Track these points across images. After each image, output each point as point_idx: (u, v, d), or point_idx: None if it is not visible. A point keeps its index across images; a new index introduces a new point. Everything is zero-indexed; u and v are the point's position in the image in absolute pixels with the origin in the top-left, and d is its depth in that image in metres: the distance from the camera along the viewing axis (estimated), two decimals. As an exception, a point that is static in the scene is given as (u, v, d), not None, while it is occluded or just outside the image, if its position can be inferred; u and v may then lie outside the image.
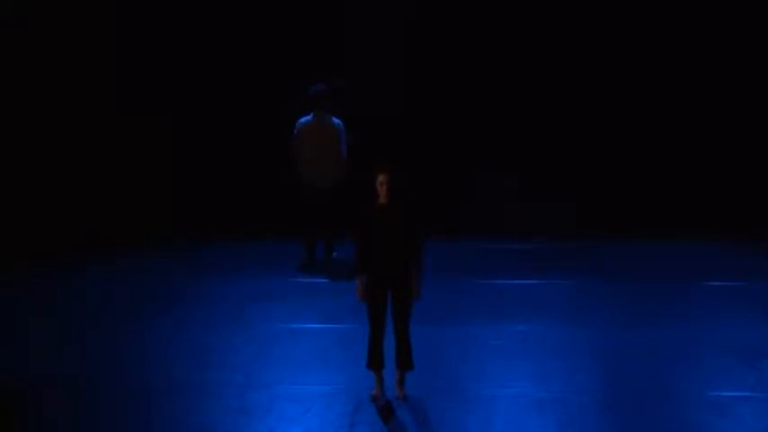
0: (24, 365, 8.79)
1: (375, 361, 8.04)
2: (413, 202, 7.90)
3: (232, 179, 12.95)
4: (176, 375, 8.48)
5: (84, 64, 12.88)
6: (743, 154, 12.84)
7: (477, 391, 8.18)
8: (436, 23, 12.88)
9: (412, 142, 12.48)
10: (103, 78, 12.91)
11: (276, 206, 12.23)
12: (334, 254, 11.55)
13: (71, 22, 12.76)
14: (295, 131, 11.20)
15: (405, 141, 12.39)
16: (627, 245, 11.95)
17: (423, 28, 12.87)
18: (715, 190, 12.72)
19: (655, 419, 7.70)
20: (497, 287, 10.58)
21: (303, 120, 11.21)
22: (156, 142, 13.03)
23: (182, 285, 10.69)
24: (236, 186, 12.90)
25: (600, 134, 12.95)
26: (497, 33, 12.89)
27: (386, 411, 7.84)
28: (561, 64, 12.89)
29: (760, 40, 12.68)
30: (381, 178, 7.79)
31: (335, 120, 11.17)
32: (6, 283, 10.88)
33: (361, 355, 8.17)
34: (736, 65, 12.74)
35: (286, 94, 12.30)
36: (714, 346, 9.03)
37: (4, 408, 7.91)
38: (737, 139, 12.84)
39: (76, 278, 11.07)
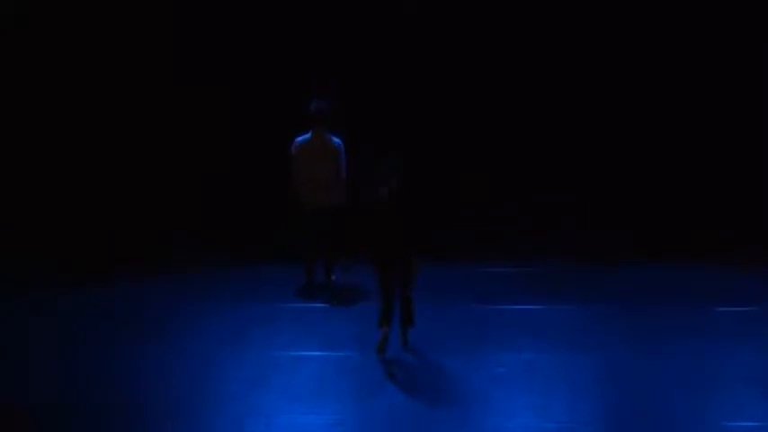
0: (6, 392, 8.71)
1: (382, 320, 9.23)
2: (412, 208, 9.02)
3: (231, 200, 12.93)
4: (172, 403, 8.38)
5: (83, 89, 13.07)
6: (755, 175, 12.85)
7: (481, 421, 8.05)
8: (439, 30, 12.97)
9: (412, 160, 12.34)
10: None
11: (275, 228, 12.14)
12: (334, 278, 11.36)
13: (71, 23, 12.88)
14: (292, 150, 10.99)
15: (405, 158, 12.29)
16: (633, 268, 11.75)
17: (425, 34, 12.96)
18: (726, 211, 12.64)
19: (667, 451, 7.50)
20: (499, 313, 10.43)
21: (301, 138, 10.99)
22: (156, 163, 13.11)
23: (180, 309, 10.59)
24: (235, 208, 12.89)
25: (605, 155, 12.96)
26: (504, 45, 12.96)
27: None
28: (569, 85, 12.96)
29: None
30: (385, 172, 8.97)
31: (335, 139, 10.94)
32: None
33: (362, 382, 8.51)
34: (752, 82, 12.83)
35: (284, 115, 12.16)
36: (727, 374, 8.86)
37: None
38: (748, 161, 12.88)
39: (77, 297, 11.03)
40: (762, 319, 10.14)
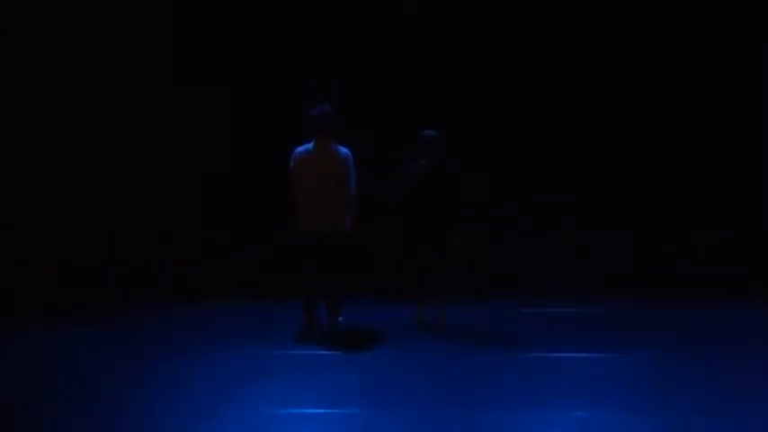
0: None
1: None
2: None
3: (229, 208, 12.85)
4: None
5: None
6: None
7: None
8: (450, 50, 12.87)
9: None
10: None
11: (273, 252, 11.93)
12: (340, 319, 10.63)
13: (71, 23, 12.87)
14: (292, 163, 10.22)
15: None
16: (712, 310, 11.19)
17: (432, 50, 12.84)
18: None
19: None
20: (548, 362, 9.79)
21: (302, 148, 10.22)
22: (155, 164, 13.05)
23: (163, 356, 10.10)
24: (232, 219, 12.79)
25: (605, 155, 12.90)
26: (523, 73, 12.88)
27: None
28: (570, 85, 12.85)
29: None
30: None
31: (342, 148, 10.14)
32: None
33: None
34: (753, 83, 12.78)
35: (284, 116, 11.95)
36: None
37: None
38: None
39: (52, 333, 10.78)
40: None
